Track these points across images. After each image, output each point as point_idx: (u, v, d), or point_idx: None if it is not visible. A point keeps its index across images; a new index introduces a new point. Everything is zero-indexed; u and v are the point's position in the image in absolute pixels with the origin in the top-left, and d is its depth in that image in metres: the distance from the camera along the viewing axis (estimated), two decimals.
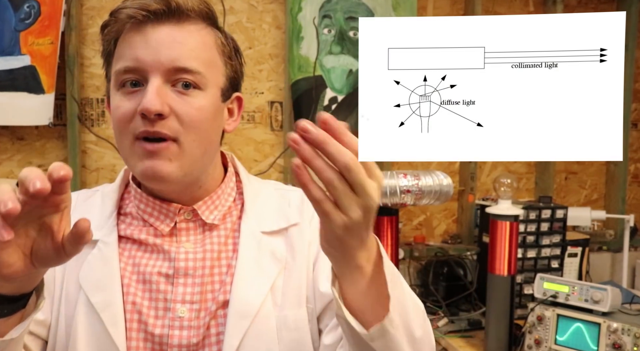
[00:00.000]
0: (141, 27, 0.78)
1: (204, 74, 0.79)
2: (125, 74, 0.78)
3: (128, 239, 0.87)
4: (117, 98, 0.80)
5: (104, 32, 0.83)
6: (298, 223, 0.90)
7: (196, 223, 0.87)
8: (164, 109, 0.76)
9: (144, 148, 0.78)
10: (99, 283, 0.82)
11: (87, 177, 2.01)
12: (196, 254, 0.85)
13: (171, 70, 0.77)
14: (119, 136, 0.82)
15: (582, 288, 1.55)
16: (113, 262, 0.83)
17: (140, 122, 0.77)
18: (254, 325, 0.81)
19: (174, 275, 0.83)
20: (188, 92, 0.79)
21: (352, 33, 2.07)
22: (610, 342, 1.47)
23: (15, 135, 1.96)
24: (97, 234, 0.82)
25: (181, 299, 0.82)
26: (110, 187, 0.92)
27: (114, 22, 0.81)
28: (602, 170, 2.46)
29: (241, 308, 0.81)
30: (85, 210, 0.88)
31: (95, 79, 1.99)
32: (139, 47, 0.78)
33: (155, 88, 0.76)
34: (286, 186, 0.99)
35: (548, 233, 1.93)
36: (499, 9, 2.28)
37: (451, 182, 1.68)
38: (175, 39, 0.78)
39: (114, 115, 0.80)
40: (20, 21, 1.85)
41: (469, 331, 1.83)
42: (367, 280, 0.64)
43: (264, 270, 0.85)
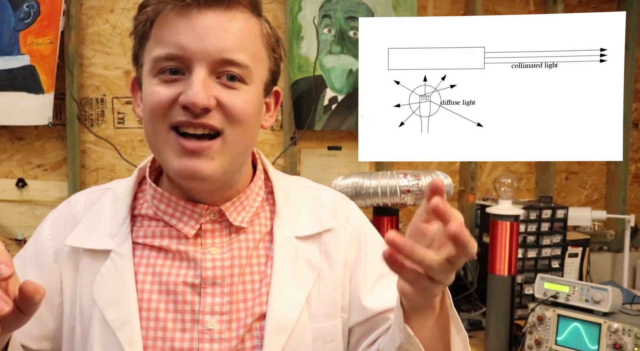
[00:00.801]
0: (185, 10, 0.71)
1: (251, 68, 0.74)
2: (167, 61, 0.72)
3: (145, 246, 0.80)
4: (153, 85, 0.73)
5: (140, 11, 0.75)
6: (333, 228, 0.85)
7: (222, 225, 0.81)
8: (211, 103, 0.71)
9: (183, 147, 0.72)
10: (113, 299, 0.76)
11: (86, 177, 2.00)
12: (224, 261, 0.79)
13: (218, 61, 0.71)
14: (152, 123, 0.74)
15: (582, 289, 1.54)
16: (128, 275, 0.77)
17: (181, 112, 0.71)
18: (291, 339, 0.77)
19: (201, 284, 0.77)
20: (234, 85, 0.73)
21: (352, 33, 2.06)
22: (611, 342, 1.47)
23: (15, 135, 1.96)
24: (109, 243, 0.79)
25: (210, 310, 0.76)
26: (123, 188, 0.85)
27: (155, 3, 0.73)
28: (603, 170, 2.45)
29: (279, 321, 0.77)
30: (96, 215, 0.82)
31: (95, 79, 1.99)
32: (184, 33, 0.71)
33: (201, 80, 0.70)
34: (315, 184, 0.94)
35: (548, 233, 1.93)
36: (499, 8, 2.28)
37: (451, 182, 1.68)
38: (224, 27, 0.72)
39: (148, 102, 0.74)
40: (19, 21, 1.85)
41: (469, 332, 1.83)
42: (436, 315, 0.67)
43: (299, 279, 0.81)
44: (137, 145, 2.03)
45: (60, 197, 1.98)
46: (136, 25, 0.77)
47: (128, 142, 2.02)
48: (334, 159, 2.17)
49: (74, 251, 0.80)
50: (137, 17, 0.76)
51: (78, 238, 0.80)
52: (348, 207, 0.91)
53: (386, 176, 1.64)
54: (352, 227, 0.88)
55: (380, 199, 1.64)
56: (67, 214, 0.85)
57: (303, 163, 2.13)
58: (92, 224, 0.82)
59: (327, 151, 2.16)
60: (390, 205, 1.68)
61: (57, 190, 1.98)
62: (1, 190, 1.96)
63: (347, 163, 2.17)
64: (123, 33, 1.99)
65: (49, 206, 1.98)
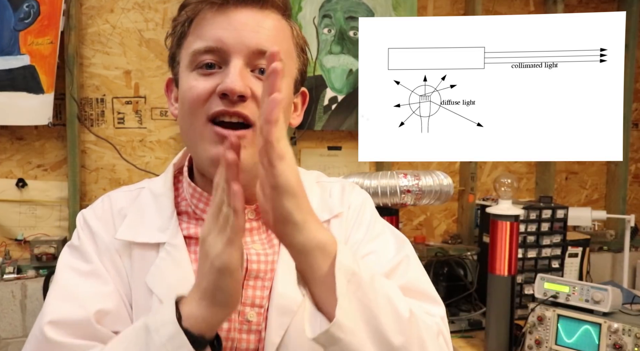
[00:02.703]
0: (223, 8, 0.76)
1: (284, 61, 0.76)
2: (205, 54, 0.75)
3: (192, 239, 0.82)
4: (190, 79, 0.76)
5: (180, 12, 0.79)
6: (340, 212, 0.88)
7: (259, 222, 0.83)
8: (247, 91, 0.73)
9: (218, 133, 0.74)
10: (173, 287, 0.75)
11: (86, 177, 2.00)
12: (267, 256, 0.81)
13: (255, 52, 0.75)
14: (188, 118, 0.77)
15: (582, 289, 1.54)
16: (185, 264, 0.79)
17: (218, 102, 0.74)
18: (294, 322, 0.78)
19: (244, 277, 0.78)
20: None
21: (352, 33, 2.06)
22: (611, 342, 1.47)
23: (15, 135, 1.96)
24: (161, 236, 0.80)
25: (250, 302, 0.79)
26: (161, 185, 0.86)
27: (195, 2, 0.77)
28: (603, 170, 2.45)
29: (282, 305, 0.78)
30: (141, 210, 0.83)
31: (95, 79, 1.99)
32: (222, 27, 0.75)
33: (238, 70, 0.73)
34: (327, 178, 0.97)
35: (548, 233, 1.93)
36: (499, 8, 2.28)
37: (451, 182, 1.68)
38: (259, 23, 0.76)
39: (186, 96, 0.76)
40: (19, 21, 1.85)
41: (469, 332, 1.83)
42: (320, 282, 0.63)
43: None
44: (137, 145, 2.03)
45: (60, 196, 1.98)
46: (174, 26, 0.80)
47: (128, 142, 2.02)
48: (334, 159, 2.17)
49: (125, 244, 0.81)
50: (177, 18, 0.80)
51: (128, 232, 0.81)
52: (354, 192, 0.93)
53: (386, 176, 1.64)
54: (353, 208, 0.90)
55: (380, 199, 1.64)
56: (110, 210, 0.85)
57: (303, 163, 2.13)
58: (138, 219, 0.83)
59: (327, 151, 2.16)
60: (390, 205, 1.68)
61: (57, 190, 1.98)
62: (1, 190, 1.96)
63: (347, 163, 2.17)
64: (123, 33, 1.99)
65: (49, 206, 1.98)
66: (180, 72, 0.80)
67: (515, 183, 1.69)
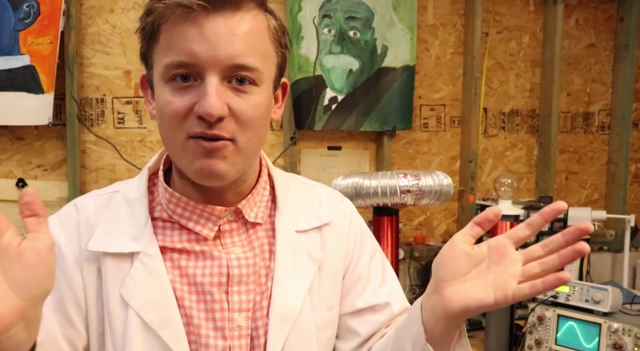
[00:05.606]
0: (194, 16, 0.71)
1: (261, 70, 0.75)
2: (178, 68, 0.72)
3: (167, 248, 0.80)
4: (166, 93, 0.74)
5: (147, 15, 0.75)
6: (331, 221, 0.89)
7: (239, 223, 0.83)
8: (224, 111, 0.72)
9: (201, 146, 0.73)
10: (150, 300, 0.76)
11: (86, 177, 2.00)
12: (247, 260, 0.81)
13: (230, 67, 0.72)
14: (169, 131, 0.75)
15: (582, 289, 1.54)
16: (162, 275, 0.78)
17: (196, 123, 0.72)
18: (295, 329, 0.80)
19: (227, 282, 0.79)
20: (244, 88, 0.74)
21: (352, 33, 2.06)
22: (611, 342, 1.47)
23: (15, 135, 1.96)
24: (134, 246, 0.78)
25: (238, 308, 0.79)
26: (135, 190, 0.84)
27: (162, 8, 0.72)
28: (603, 170, 2.45)
29: (282, 312, 0.80)
30: (113, 217, 0.81)
31: (95, 79, 1.98)
32: (194, 40, 0.71)
33: (214, 89, 0.71)
34: (310, 180, 0.97)
35: (548, 233, 1.93)
36: (499, 8, 2.28)
37: (451, 182, 1.68)
38: (233, 31, 0.72)
39: (164, 111, 0.74)
40: (19, 21, 1.85)
41: (470, 332, 1.83)
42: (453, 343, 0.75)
43: (301, 271, 0.84)
44: (137, 145, 2.03)
45: (60, 197, 1.98)
46: (143, 26, 0.77)
47: (128, 142, 2.02)
48: (334, 159, 2.17)
49: (94, 256, 0.79)
50: (144, 19, 0.76)
51: (100, 243, 0.79)
52: (348, 204, 0.96)
53: (386, 176, 1.64)
54: (353, 224, 0.93)
55: (380, 199, 1.64)
56: (77, 218, 0.82)
57: (303, 163, 2.13)
58: (110, 228, 0.81)
59: (327, 151, 2.16)
60: (390, 205, 1.68)
61: (57, 190, 1.98)
62: (1, 190, 1.96)
63: (347, 163, 2.17)
64: (123, 33, 1.99)
65: (49, 206, 1.98)
66: (154, 79, 0.77)
67: (515, 183, 1.69)
